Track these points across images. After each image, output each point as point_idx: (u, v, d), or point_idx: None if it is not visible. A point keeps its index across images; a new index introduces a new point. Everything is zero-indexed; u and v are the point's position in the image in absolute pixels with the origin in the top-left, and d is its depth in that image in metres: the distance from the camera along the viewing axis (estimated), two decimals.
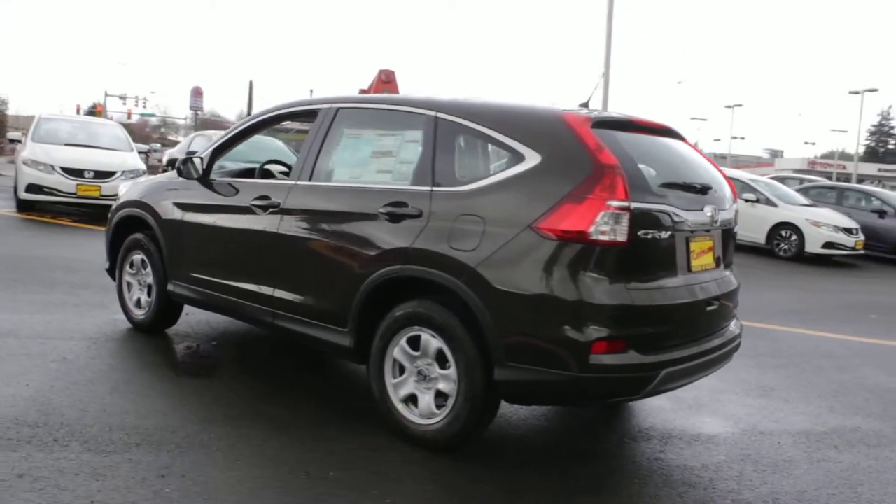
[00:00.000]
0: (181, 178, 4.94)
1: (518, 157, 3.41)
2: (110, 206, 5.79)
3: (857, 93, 45.48)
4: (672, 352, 3.40)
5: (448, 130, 3.67)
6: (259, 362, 4.94)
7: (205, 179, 4.77)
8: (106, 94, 56.58)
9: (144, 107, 58.34)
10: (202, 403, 4.01)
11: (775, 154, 79.60)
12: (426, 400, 3.57)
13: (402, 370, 3.67)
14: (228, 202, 4.57)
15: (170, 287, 4.97)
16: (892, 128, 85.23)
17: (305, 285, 4.05)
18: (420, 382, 3.60)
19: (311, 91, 44.51)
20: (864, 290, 11.40)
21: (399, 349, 3.65)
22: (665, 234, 3.42)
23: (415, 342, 3.60)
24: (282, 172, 5.22)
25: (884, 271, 14.20)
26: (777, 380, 5.27)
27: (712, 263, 3.80)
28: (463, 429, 3.45)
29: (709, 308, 3.67)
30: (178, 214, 4.88)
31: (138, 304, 5.32)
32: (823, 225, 13.62)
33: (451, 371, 3.46)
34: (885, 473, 3.76)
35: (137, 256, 5.27)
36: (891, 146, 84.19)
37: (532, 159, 3.36)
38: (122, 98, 56.06)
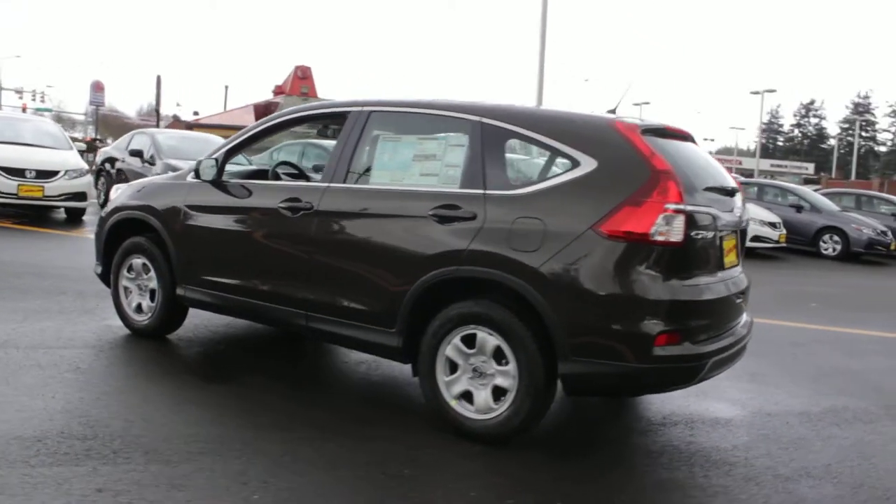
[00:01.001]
0: (190, 180, 4.85)
1: (574, 163, 3.57)
2: (53, 207, 5.58)
3: (757, 93, 48.32)
4: (715, 342, 3.65)
5: (495, 135, 3.79)
6: (275, 364, 4.89)
7: (218, 181, 4.70)
8: (1, 88, 53.18)
9: (42, 101, 55.19)
10: (242, 409, 3.97)
11: None
12: (483, 395, 3.68)
13: (454, 368, 3.76)
14: (250, 204, 4.53)
15: (179, 291, 4.87)
16: (780, 126, 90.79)
17: (345, 287, 4.08)
18: (475, 379, 3.71)
19: (226, 87, 43.20)
20: (794, 282, 12.22)
21: (452, 347, 3.74)
22: (710, 234, 3.66)
23: (469, 340, 3.70)
24: (287, 174, 5.19)
25: (805, 263, 15.21)
26: (760, 366, 5.65)
27: (735, 261, 4.08)
28: (523, 422, 3.59)
29: (737, 301, 3.96)
30: (189, 217, 4.78)
31: (139, 309, 5.17)
32: (750, 220, 14.47)
33: (510, 367, 3.59)
34: (890, 445, 4.16)
35: (138, 261, 5.12)
36: (780, 143, 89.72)
37: (588, 165, 3.53)
38: (19, 92, 52.85)
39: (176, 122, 44.64)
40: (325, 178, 4.28)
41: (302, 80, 35.24)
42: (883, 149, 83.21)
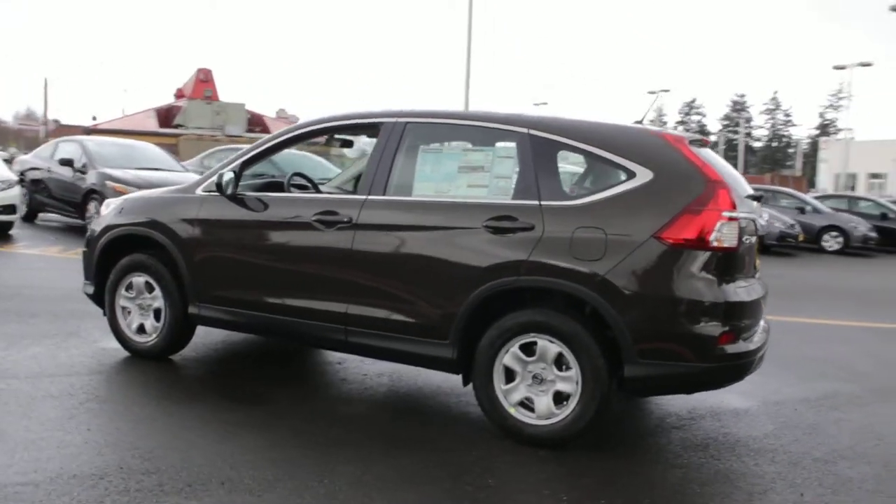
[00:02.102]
0: (201, 194, 4.68)
1: (629, 174, 3.70)
2: None
3: (653, 92, 50.71)
4: (756, 341, 3.88)
5: (546, 147, 3.87)
6: (294, 381, 4.78)
7: (236, 195, 4.55)
8: None
9: None
10: (293, 430, 3.85)
11: None
12: (545, 401, 3.75)
13: (511, 376, 3.82)
14: (276, 218, 4.41)
15: (192, 310, 4.68)
16: (665, 123, 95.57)
17: (392, 300, 4.05)
18: (534, 386, 3.78)
19: (125, 90, 40.73)
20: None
21: (511, 356, 3.80)
22: (753, 239, 3.89)
23: (528, 348, 3.78)
24: (296, 186, 5.06)
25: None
26: None
27: (758, 262, 4.35)
28: (588, 424, 3.69)
29: (763, 303, 4.21)
30: (204, 232, 4.60)
31: (140, 330, 4.93)
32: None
33: (573, 373, 3.68)
34: (895, 425, 4.55)
35: (139, 279, 4.88)
36: None
37: (644, 176, 3.67)
38: None
39: (62, 129, 42.16)
40: (361, 191, 4.23)
41: (204, 83, 34.12)
42: (759, 144, 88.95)
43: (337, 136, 5.13)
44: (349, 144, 5.49)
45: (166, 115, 32.96)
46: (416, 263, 4.00)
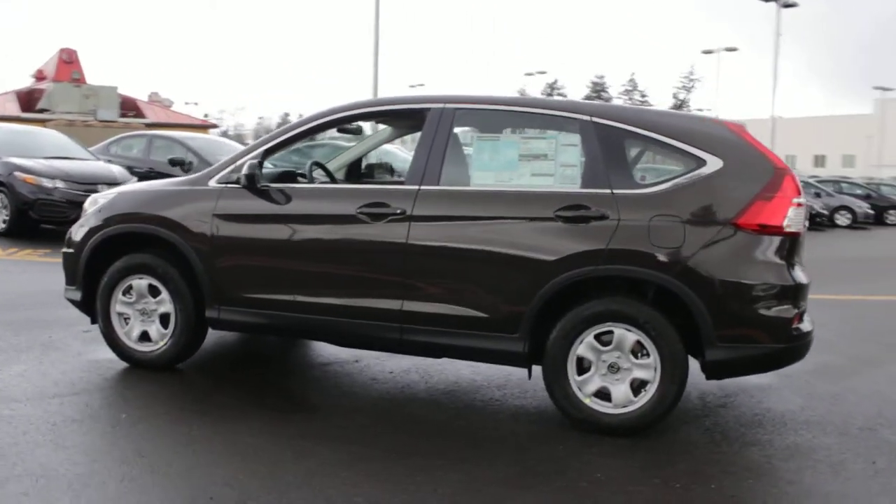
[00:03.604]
0: (215, 185, 4.29)
1: (699, 162, 3.72)
2: None
3: (531, 74, 51.96)
4: (810, 320, 4.04)
5: (612, 135, 3.82)
6: (323, 385, 4.49)
7: (259, 187, 4.20)
8: None
9: None
10: (363, 440, 3.60)
11: None
12: (622, 390, 3.73)
13: (585, 366, 3.78)
14: (312, 211, 4.12)
15: (211, 314, 4.29)
16: None
17: (455, 295, 3.88)
18: (609, 375, 3.75)
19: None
20: None
21: (585, 346, 3.75)
22: (807, 223, 4.04)
23: (602, 337, 3.74)
24: (300, 175, 4.73)
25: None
26: None
27: None
28: (667, 409, 3.72)
29: None
30: (225, 229, 4.22)
31: (144, 338, 4.47)
32: None
33: (651, 360, 3.68)
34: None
35: (141, 282, 4.42)
36: None
37: (714, 164, 3.70)
38: None
39: None
40: (411, 181, 4.01)
41: (68, 64, 31.50)
42: None
43: (374, 121, 4.85)
44: (358, 131, 5.20)
45: (28, 99, 30.14)
46: (481, 256, 3.85)
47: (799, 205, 3.71)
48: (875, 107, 75.92)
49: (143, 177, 11.02)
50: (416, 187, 3.97)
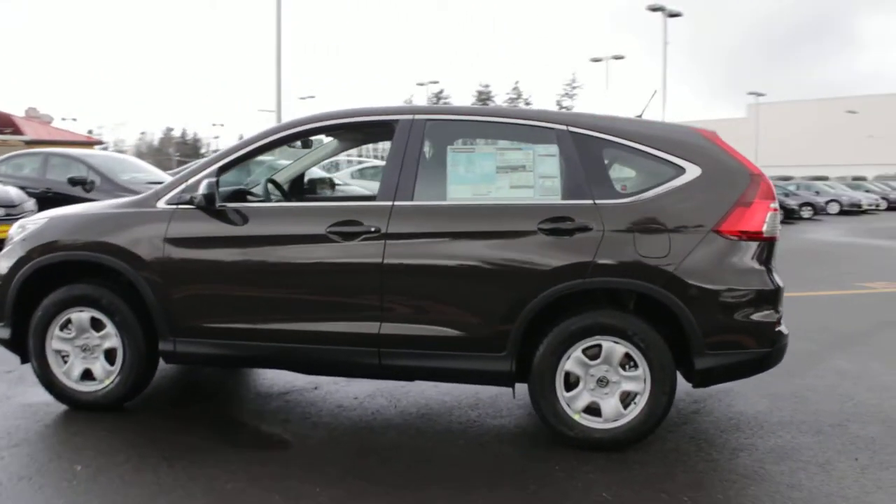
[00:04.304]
0: (164, 207, 3.95)
1: (678, 170, 3.71)
2: None
3: (423, 84, 52.24)
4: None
5: (590, 145, 3.76)
6: (289, 416, 4.19)
7: (215, 208, 3.89)
8: None
9: None
10: (358, 473, 3.39)
11: None
12: (612, 403, 3.67)
13: (574, 381, 3.69)
14: (276, 232, 3.84)
15: (165, 347, 3.94)
16: None
17: (434, 315, 3.71)
18: (598, 389, 3.68)
19: None
20: None
21: (573, 361, 3.66)
22: None
23: (590, 351, 3.67)
24: (250, 193, 4.43)
25: None
26: None
27: None
28: (658, 421, 3.68)
29: None
30: (179, 254, 3.88)
31: (87, 376, 4.06)
32: None
33: (640, 371, 3.63)
34: (852, 383, 5.10)
35: (81, 315, 4.01)
36: None
37: (692, 172, 3.70)
38: None
39: None
40: (382, 197, 3.80)
41: None
42: None
43: (334, 135, 4.57)
44: (308, 145, 4.92)
45: None
46: (463, 273, 3.69)
47: (775, 209, 3.77)
48: (748, 111, 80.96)
49: (38, 198, 10.22)
50: (390, 203, 3.77)
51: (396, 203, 3.76)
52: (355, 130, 4.45)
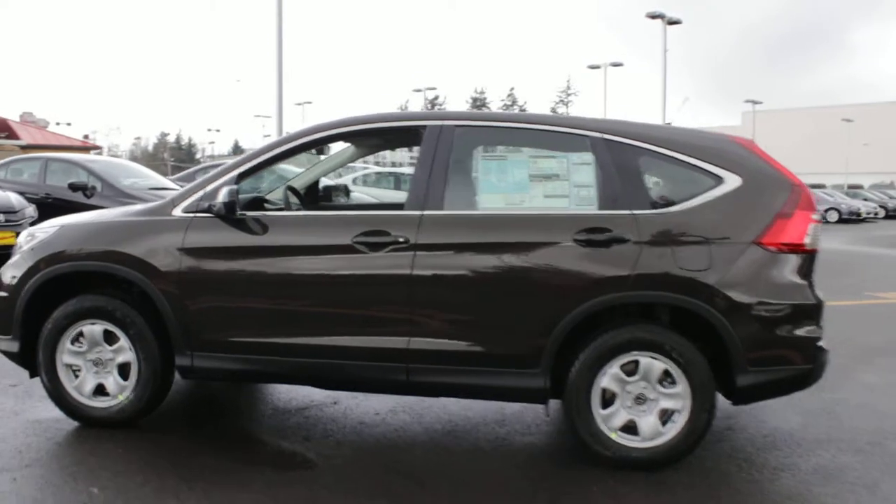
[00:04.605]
0: (181, 215, 3.80)
1: (717, 180, 3.58)
2: None
3: (419, 90, 52.26)
4: None
5: (626, 153, 3.63)
6: (312, 434, 4.03)
7: (235, 217, 3.74)
8: None
9: None
10: (411, 497, 3.25)
11: None
12: (650, 421, 3.52)
13: (610, 398, 3.55)
14: (300, 242, 3.69)
15: (183, 362, 3.79)
16: None
17: (465, 330, 3.56)
18: (636, 406, 3.54)
19: None
20: None
21: (609, 378, 3.52)
22: None
23: (627, 367, 3.53)
24: (266, 202, 4.28)
25: None
26: None
27: None
28: (699, 440, 3.53)
29: None
30: (198, 264, 3.73)
31: (100, 391, 3.90)
32: None
33: (679, 388, 3.49)
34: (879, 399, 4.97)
35: (93, 328, 3.85)
36: None
37: (732, 181, 3.57)
38: None
39: None
40: (411, 206, 3.66)
41: None
42: None
43: (356, 141, 4.42)
44: (322, 151, 4.78)
45: None
46: (496, 286, 3.55)
47: (816, 221, 3.63)
48: (743, 119, 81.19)
49: (38, 204, 10.05)
50: (419, 212, 3.62)
51: (426, 212, 3.62)
52: (380, 136, 4.31)
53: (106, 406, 3.88)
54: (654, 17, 28.83)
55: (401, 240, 3.58)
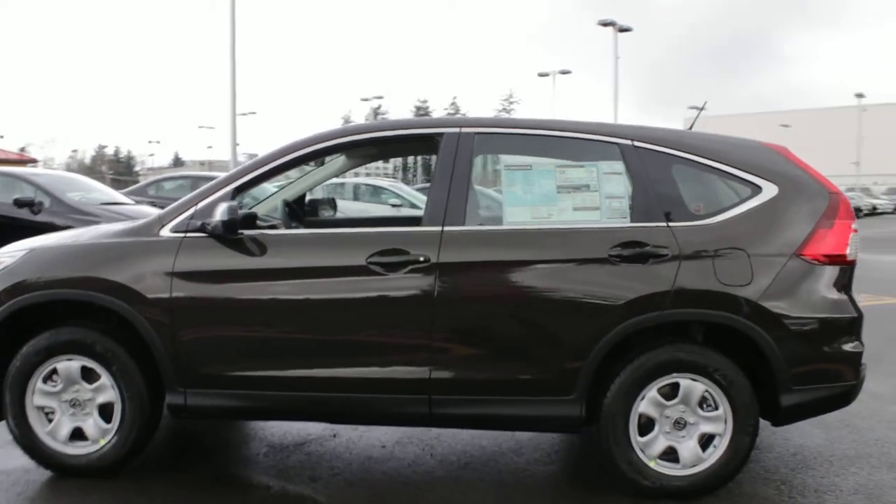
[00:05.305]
0: (170, 235, 3.42)
1: (755, 189, 3.38)
2: None
3: (367, 99, 51.93)
4: None
5: (659, 161, 3.39)
6: (317, 473, 3.68)
7: (233, 237, 3.37)
8: None
9: None
10: None
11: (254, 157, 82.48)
12: (690, 447, 3.29)
13: (648, 424, 3.30)
14: (309, 263, 3.35)
15: (174, 399, 3.40)
16: None
17: (493, 356, 3.28)
18: (675, 431, 3.30)
19: None
20: None
21: (647, 402, 3.27)
22: None
23: (668, 390, 3.29)
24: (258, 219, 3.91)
25: None
26: None
27: None
28: (741, 465, 3.32)
29: None
30: (192, 290, 3.35)
31: (77, 436, 3.47)
32: None
33: (721, 411, 3.27)
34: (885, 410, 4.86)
35: (70, 364, 3.44)
36: None
37: (770, 190, 3.37)
38: None
39: None
40: (431, 221, 3.35)
41: None
42: None
43: (361, 151, 4.07)
44: (321, 163, 4.42)
45: None
46: (526, 307, 3.27)
47: (855, 230, 3.47)
48: (685, 125, 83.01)
49: None
50: (439, 228, 3.32)
51: (447, 228, 3.32)
52: (391, 145, 3.99)
53: (85, 452, 3.45)
54: (605, 24, 29.12)
55: (421, 259, 3.27)
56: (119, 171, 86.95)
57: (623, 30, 29.11)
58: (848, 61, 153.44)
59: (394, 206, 15.38)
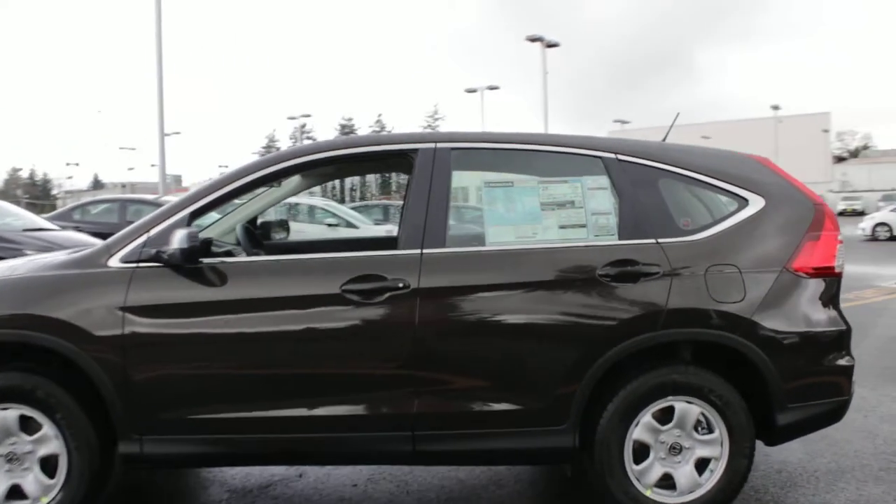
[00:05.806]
0: (119, 266, 3.09)
1: (741, 202, 3.28)
2: None
3: (293, 118, 51.30)
4: None
5: (644, 175, 3.27)
6: None
7: (193, 267, 3.06)
8: None
9: None
10: None
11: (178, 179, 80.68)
12: (686, 472, 3.14)
13: (643, 451, 3.15)
14: (276, 293, 3.06)
15: (128, 448, 3.05)
16: (278, 147, 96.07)
17: (481, 388, 3.07)
18: (670, 457, 3.15)
19: None
20: None
21: (642, 428, 3.12)
22: None
23: (662, 414, 3.14)
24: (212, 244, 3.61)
25: None
26: None
27: None
28: (739, 488, 3.19)
29: None
30: (147, 327, 3.02)
31: (14, 495, 3.08)
32: None
33: (717, 434, 3.14)
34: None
35: (6, 414, 3.06)
36: None
37: (756, 203, 3.28)
38: None
39: None
40: (408, 243, 3.12)
41: None
42: None
43: (322, 170, 3.78)
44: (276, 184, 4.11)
45: None
46: (514, 333, 3.08)
47: (841, 241, 3.41)
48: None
49: None
50: (418, 251, 3.10)
51: (426, 251, 3.10)
52: (361, 163, 3.73)
53: None
54: (533, 39, 29.48)
55: (400, 285, 3.03)
56: (35, 194, 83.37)
57: (551, 45, 29.53)
58: (760, 74, 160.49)
59: (330, 225, 15.03)
